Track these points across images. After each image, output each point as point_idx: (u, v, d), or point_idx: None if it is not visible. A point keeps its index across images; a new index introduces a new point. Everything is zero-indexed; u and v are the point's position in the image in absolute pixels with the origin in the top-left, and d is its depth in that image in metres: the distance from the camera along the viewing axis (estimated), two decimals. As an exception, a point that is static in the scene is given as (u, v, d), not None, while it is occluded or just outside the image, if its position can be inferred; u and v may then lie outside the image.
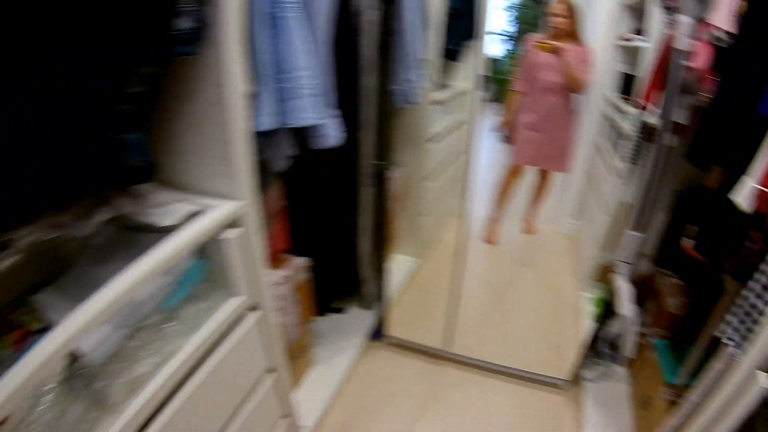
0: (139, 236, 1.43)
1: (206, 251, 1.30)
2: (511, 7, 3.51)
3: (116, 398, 1.10)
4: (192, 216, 1.23)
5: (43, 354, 0.87)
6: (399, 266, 2.87)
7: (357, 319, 2.66)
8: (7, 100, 0.86)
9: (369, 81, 1.90)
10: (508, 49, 3.59)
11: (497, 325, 2.67)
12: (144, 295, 1.22)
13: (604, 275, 2.28)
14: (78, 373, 1.12)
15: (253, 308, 1.43)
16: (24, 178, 1.10)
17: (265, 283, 1.42)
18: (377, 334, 2.59)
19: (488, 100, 3.26)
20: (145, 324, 1.22)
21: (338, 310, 2.66)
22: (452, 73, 2.88)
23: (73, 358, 1.13)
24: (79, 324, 0.93)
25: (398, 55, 2.00)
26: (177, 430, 1.22)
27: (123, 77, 1.01)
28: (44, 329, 1.27)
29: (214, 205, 1.24)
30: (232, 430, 1.45)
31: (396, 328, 2.56)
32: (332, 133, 1.58)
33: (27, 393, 0.87)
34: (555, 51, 2.62)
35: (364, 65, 1.85)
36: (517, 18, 3.52)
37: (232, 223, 1.26)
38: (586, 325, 2.38)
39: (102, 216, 1.26)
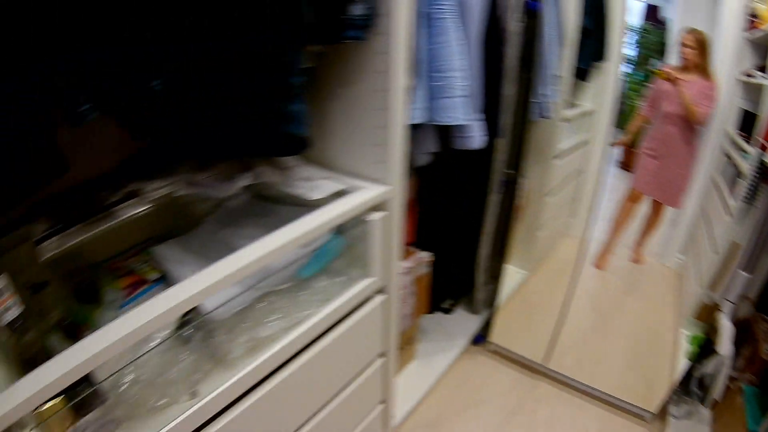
0: (273, 206, 1.49)
1: (346, 229, 1.34)
2: (631, 30, 3.45)
3: (234, 355, 1.15)
4: (338, 194, 1.29)
5: (170, 304, 0.92)
6: (508, 276, 2.88)
7: (463, 322, 2.70)
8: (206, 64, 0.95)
9: (510, 90, 1.93)
10: (628, 74, 3.53)
11: (594, 347, 2.64)
12: (280, 262, 1.26)
13: (704, 313, 2.23)
14: (198, 325, 1.17)
15: (381, 291, 1.48)
16: (187, 132, 1.19)
17: (396, 269, 1.46)
18: (479, 338, 2.62)
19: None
20: (276, 289, 1.27)
21: (447, 310, 2.72)
22: (580, 93, 2.87)
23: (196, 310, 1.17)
24: (212, 282, 0.97)
25: (537, 69, 2.02)
26: (284, 396, 1.27)
27: (298, 52, 1.08)
28: (160, 279, 1.39)
29: (362, 187, 1.30)
30: (334, 405, 1.49)
31: (498, 336, 2.58)
32: (476, 136, 1.62)
33: (143, 336, 0.91)
34: (672, 80, 2.56)
35: (506, 74, 1.89)
36: (637, 42, 3.46)
37: (377, 207, 1.30)
38: (679, 361, 2.34)
39: (244, 181, 1.33)
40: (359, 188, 1.30)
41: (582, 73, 2.73)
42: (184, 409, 1.02)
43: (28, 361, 1.03)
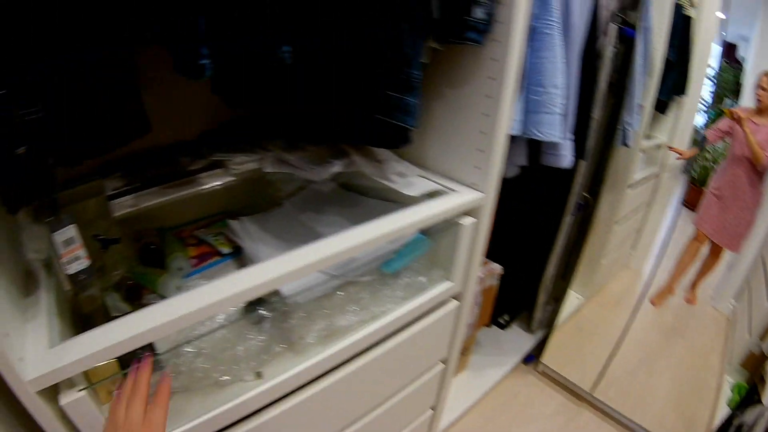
0: (358, 197, 1.51)
1: (434, 230, 1.34)
2: (709, 67, 3.40)
3: (308, 341, 1.15)
4: (432, 194, 1.30)
5: (249, 284, 0.92)
6: (566, 300, 2.88)
7: (517, 339, 2.71)
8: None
9: (597, 114, 1.92)
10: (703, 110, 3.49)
11: (640, 382, 2.61)
12: (365, 255, 1.26)
13: (751, 362, 2.21)
14: (274, 306, 1.16)
15: (456, 297, 1.48)
16: (296, 108, 1.20)
17: (474, 277, 1.46)
18: (530, 358, 2.62)
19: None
20: (357, 280, 1.27)
21: (502, 325, 2.72)
22: (656, 124, 2.84)
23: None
24: (296, 267, 0.97)
25: (625, 96, 2.01)
26: (346, 389, 1.27)
27: (420, 45, 1.09)
28: (232, 254, 1.40)
29: (455, 190, 1.30)
30: (389, 405, 1.50)
31: (549, 358, 2.57)
32: (568, 155, 1.62)
33: (216, 312, 0.93)
34: (737, 120, 2.52)
35: (597, 97, 1.88)
36: (713, 80, 3.41)
37: (469, 212, 1.31)
38: (720, 407, 2.32)
39: (338, 168, 1.33)
40: (453, 191, 1.30)
41: (661, 105, 2.70)
42: (248, 388, 1.03)
43: (84, 317, 1.06)
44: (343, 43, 1.01)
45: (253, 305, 1.16)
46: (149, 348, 0.96)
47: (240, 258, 1.42)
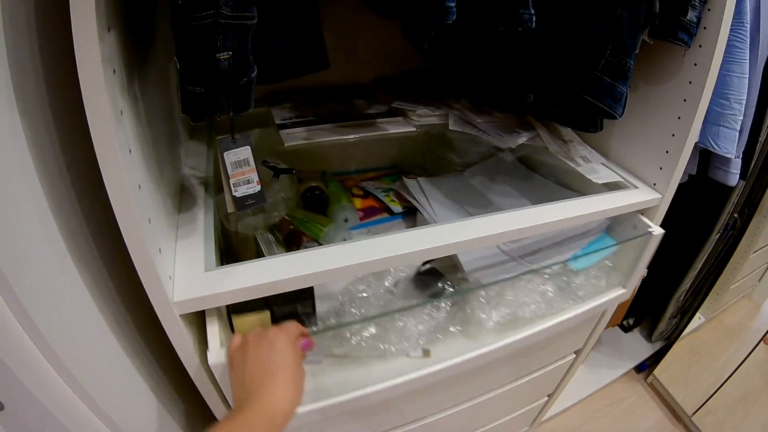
0: (534, 175, 1.53)
1: (619, 233, 1.35)
2: None
3: (488, 327, 1.14)
4: (614, 185, 1.31)
5: (427, 244, 0.92)
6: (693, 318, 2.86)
7: (636, 344, 2.70)
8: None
9: (764, 137, 1.89)
10: None
11: (736, 418, 2.57)
12: (552, 244, 1.27)
13: None
14: (457, 282, 1.14)
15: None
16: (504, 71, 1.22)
17: (635, 282, 1.43)
18: (644, 366, 2.61)
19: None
20: (543, 271, 1.24)
21: (626, 328, 2.73)
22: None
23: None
24: (478, 236, 0.98)
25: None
26: (489, 368, 1.29)
27: (638, 36, 1.11)
28: (403, 213, 1.41)
29: (638, 186, 1.32)
30: (515, 385, 1.52)
31: (660, 372, 2.56)
32: (736, 173, 1.61)
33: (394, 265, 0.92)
34: None
35: (766, 121, 1.85)
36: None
37: (644, 211, 1.32)
38: None
39: (524, 139, 1.33)
40: (634, 186, 1.32)
41: None
42: (414, 366, 1.03)
43: (234, 247, 1.07)
44: (569, 18, 1.05)
45: (432, 275, 1.16)
46: (310, 307, 0.98)
47: (412, 218, 1.42)
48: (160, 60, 0.91)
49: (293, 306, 0.94)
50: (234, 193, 0.87)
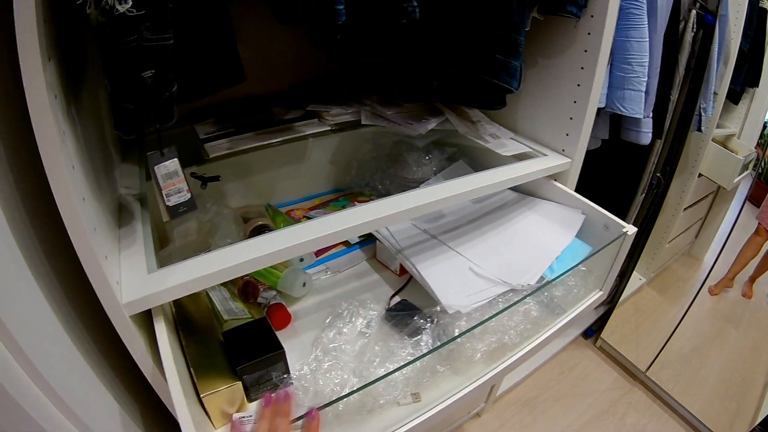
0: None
1: (587, 234, 1.32)
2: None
3: (476, 359, 1.05)
4: (523, 156, 1.36)
5: (346, 224, 0.95)
6: (630, 278, 2.93)
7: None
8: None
9: (674, 96, 1.97)
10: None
11: (692, 368, 2.64)
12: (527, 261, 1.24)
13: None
14: (432, 319, 1.10)
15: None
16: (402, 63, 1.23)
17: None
18: (590, 332, 2.69)
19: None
20: (519, 290, 1.16)
21: None
22: (726, 114, 2.85)
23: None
24: (389, 213, 1.00)
25: (701, 82, 2.05)
26: None
27: (527, 14, 1.16)
28: (361, 243, 1.46)
29: (546, 154, 1.37)
30: None
31: (608, 334, 2.64)
32: (648, 132, 1.68)
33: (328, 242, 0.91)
34: None
35: (675, 80, 1.93)
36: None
37: (556, 176, 1.38)
38: (767, 402, 2.37)
39: (434, 124, 1.39)
40: (543, 155, 1.36)
41: (734, 95, 2.71)
42: (405, 414, 0.97)
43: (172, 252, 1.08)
44: (458, 3, 1.09)
45: (404, 310, 1.15)
46: (283, 369, 0.94)
47: (371, 247, 1.46)
48: (91, 90, 0.95)
49: (265, 371, 0.91)
50: (167, 203, 0.91)
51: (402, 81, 1.40)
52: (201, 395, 0.81)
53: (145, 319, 0.85)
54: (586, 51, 1.25)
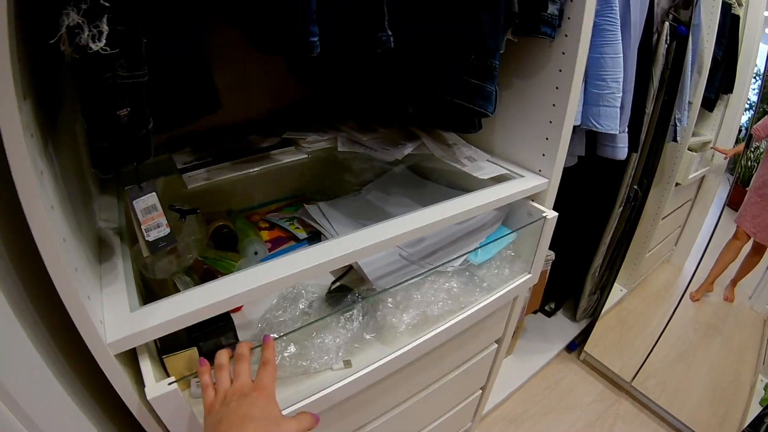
0: (425, 182, 1.56)
1: (515, 221, 1.40)
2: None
3: (400, 330, 1.16)
4: (501, 178, 1.35)
5: (328, 256, 0.95)
6: (611, 290, 2.94)
7: (562, 326, 2.79)
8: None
9: (649, 108, 1.97)
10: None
11: (678, 375, 2.65)
12: (452, 243, 1.30)
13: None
14: (364, 294, 1.17)
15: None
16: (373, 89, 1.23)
17: (541, 264, 1.47)
18: (573, 346, 2.69)
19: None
20: (445, 270, 1.27)
21: (549, 313, 2.81)
22: (702, 122, 2.87)
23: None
24: (371, 243, 1.01)
25: (676, 93, 2.06)
26: (413, 371, 1.33)
27: (501, 37, 1.14)
28: (308, 239, 1.43)
29: (523, 175, 1.36)
30: (444, 382, 1.55)
31: (591, 347, 2.64)
32: (624, 147, 1.68)
33: (301, 280, 0.93)
34: None
35: (650, 93, 1.93)
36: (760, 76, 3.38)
37: (534, 197, 1.37)
38: (753, 405, 2.37)
39: (410, 149, 1.39)
40: (520, 176, 1.36)
41: (709, 102, 2.73)
42: (338, 378, 1.06)
43: (154, 287, 1.10)
44: (431, 30, 1.06)
45: (342, 292, 1.19)
46: (233, 337, 1.00)
47: (317, 242, 1.42)
48: (68, 125, 0.94)
49: (217, 339, 0.97)
50: (147, 238, 0.91)
51: (377, 106, 1.39)
52: (163, 357, 0.88)
53: (130, 356, 0.84)
54: (560, 71, 1.24)
